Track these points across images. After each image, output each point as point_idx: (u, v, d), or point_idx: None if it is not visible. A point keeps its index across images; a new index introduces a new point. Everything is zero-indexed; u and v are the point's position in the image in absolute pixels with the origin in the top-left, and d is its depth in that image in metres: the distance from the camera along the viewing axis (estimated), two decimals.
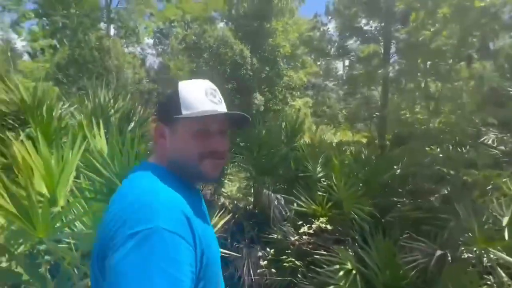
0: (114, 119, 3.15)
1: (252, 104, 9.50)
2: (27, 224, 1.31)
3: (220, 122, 0.69)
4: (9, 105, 2.91)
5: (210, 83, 0.73)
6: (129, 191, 0.61)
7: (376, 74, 6.94)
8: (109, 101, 3.73)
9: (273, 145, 3.50)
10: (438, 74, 3.10)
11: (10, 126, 2.85)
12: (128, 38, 10.86)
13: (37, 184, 1.62)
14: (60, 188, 1.71)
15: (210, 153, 0.66)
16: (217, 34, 9.45)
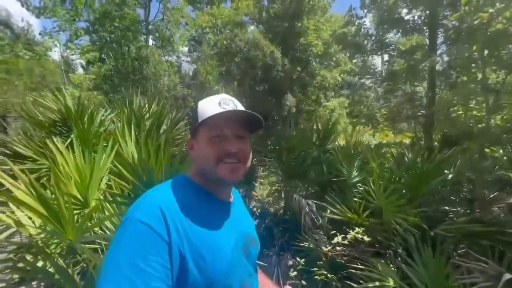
0: (146, 125, 3.25)
1: (284, 105, 9.35)
2: (57, 226, 1.36)
3: (233, 127, 0.73)
4: (58, 113, 3.19)
5: (227, 95, 0.77)
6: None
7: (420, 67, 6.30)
8: (144, 107, 3.91)
9: (303, 147, 3.32)
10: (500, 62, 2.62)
11: (58, 132, 3.13)
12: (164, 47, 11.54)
13: (71, 187, 1.70)
14: (92, 191, 1.78)
15: (224, 155, 0.70)
16: (248, 38, 9.53)
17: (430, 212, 2.73)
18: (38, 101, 3.34)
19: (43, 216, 1.34)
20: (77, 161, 1.77)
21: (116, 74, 7.97)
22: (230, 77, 8.87)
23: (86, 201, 1.71)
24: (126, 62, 8.10)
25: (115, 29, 9.78)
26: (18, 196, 1.30)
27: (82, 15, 8.56)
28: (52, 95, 3.20)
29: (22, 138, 2.95)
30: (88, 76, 5.31)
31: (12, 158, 2.90)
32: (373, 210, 2.68)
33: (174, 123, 3.93)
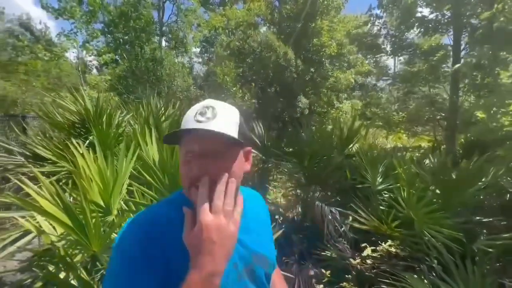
0: (165, 126, 3.19)
1: (297, 107, 9.19)
2: (81, 237, 1.28)
3: (202, 142, 0.62)
4: (77, 115, 3.17)
5: (210, 102, 0.67)
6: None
7: (441, 69, 6.05)
8: (161, 109, 3.87)
9: (325, 152, 3.18)
10: None
11: (77, 134, 3.10)
12: (177, 48, 11.59)
13: (93, 194, 1.63)
14: (114, 198, 1.70)
15: (195, 179, 0.61)
16: (260, 38, 9.42)
17: (463, 223, 2.55)
18: (56, 102, 3.33)
19: (66, 226, 1.26)
20: (99, 165, 1.70)
21: (131, 75, 8.03)
22: (242, 78, 8.78)
23: (109, 208, 1.64)
24: (140, 63, 8.14)
25: (129, 30, 9.88)
26: (42, 205, 1.23)
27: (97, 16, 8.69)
28: (71, 96, 3.18)
29: (41, 140, 2.94)
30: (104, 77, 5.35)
31: (31, 159, 2.89)
32: (403, 220, 2.52)
33: None
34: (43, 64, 9.83)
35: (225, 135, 0.61)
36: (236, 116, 0.67)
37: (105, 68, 10.43)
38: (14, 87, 8.91)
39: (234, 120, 0.66)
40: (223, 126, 0.62)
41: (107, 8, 9.42)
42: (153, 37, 10.75)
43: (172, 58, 8.12)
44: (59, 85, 9.59)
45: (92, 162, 1.68)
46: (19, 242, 1.63)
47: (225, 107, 0.67)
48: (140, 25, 9.20)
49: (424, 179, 2.80)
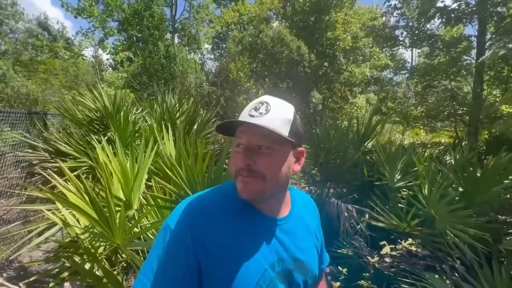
0: (180, 122, 3.22)
1: (310, 102, 9.09)
2: (106, 230, 1.31)
3: (250, 136, 0.64)
4: (95, 112, 3.26)
5: (268, 97, 0.69)
6: None
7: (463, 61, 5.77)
8: (175, 105, 3.91)
9: (341, 148, 3.12)
10: None
11: (96, 130, 3.19)
12: (190, 45, 11.66)
13: (115, 188, 1.67)
14: (135, 192, 1.74)
15: (240, 169, 0.64)
16: (273, 33, 9.33)
17: (489, 223, 2.44)
18: (76, 99, 3.43)
19: (91, 218, 1.30)
20: (120, 160, 1.74)
21: (145, 73, 8.16)
22: (255, 73, 8.75)
23: (130, 203, 1.67)
24: (154, 60, 8.26)
25: (143, 28, 10.02)
26: (69, 198, 1.27)
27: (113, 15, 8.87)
28: (90, 94, 3.26)
29: (63, 136, 3.05)
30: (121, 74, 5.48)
31: (54, 155, 3.00)
32: (424, 218, 2.43)
33: (205, 121, 3.89)
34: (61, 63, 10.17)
35: (273, 131, 0.61)
36: (289, 114, 0.67)
37: (120, 66, 10.66)
38: (35, 85, 9.29)
39: (287, 117, 0.66)
40: (273, 123, 0.62)
41: (121, 6, 9.58)
42: (166, 34, 10.85)
43: (185, 54, 8.18)
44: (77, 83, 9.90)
45: (112, 157, 1.72)
46: (45, 234, 1.70)
47: (279, 103, 0.67)
48: (153, 22, 9.30)
49: (445, 176, 2.69)
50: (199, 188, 1.52)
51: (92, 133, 3.05)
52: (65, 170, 1.33)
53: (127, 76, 7.09)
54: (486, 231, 2.31)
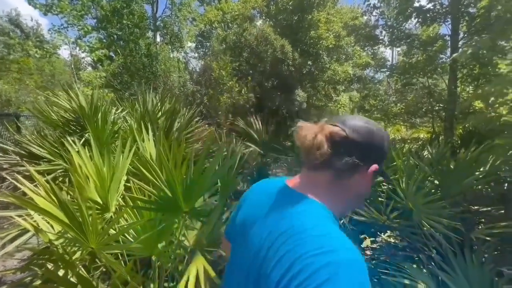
0: (161, 122, 3.15)
1: (294, 101, 9.16)
2: (79, 234, 1.26)
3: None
4: (71, 112, 3.12)
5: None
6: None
7: (439, 59, 6.02)
8: (157, 105, 3.82)
9: None
10: None
11: (72, 131, 3.06)
12: (172, 43, 11.43)
13: (90, 191, 1.61)
14: (112, 194, 1.68)
15: (367, 194, 0.76)
16: (257, 32, 9.33)
17: (461, 213, 2.56)
18: (50, 100, 3.28)
19: (63, 223, 1.24)
20: (95, 162, 1.68)
21: (125, 71, 7.93)
22: (239, 72, 8.71)
23: (107, 205, 1.62)
24: (135, 59, 8.04)
25: (123, 26, 9.71)
26: (38, 203, 1.21)
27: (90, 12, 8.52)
28: (65, 94, 3.13)
29: (36, 138, 2.90)
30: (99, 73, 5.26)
31: (27, 158, 2.86)
32: (402, 211, 2.52)
33: (186, 121, 3.83)
34: (35, 62, 9.68)
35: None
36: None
37: (100, 65, 10.30)
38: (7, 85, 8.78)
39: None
40: None
41: (99, 3, 9.24)
42: (148, 32, 10.58)
43: (167, 53, 8.02)
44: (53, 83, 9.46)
45: (88, 159, 1.66)
46: (17, 241, 1.62)
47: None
48: (133, 20, 9.03)
49: (422, 170, 2.81)
50: (178, 189, 1.49)
51: (68, 135, 2.93)
52: (33, 173, 1.26)
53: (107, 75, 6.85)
54: (460, 221, 2.43)
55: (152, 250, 1.80)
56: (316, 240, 0.54)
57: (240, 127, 4.18)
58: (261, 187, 0.82)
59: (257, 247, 0.63)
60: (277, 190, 0.73)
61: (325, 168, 0.67)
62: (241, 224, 0.75)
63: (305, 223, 0.58)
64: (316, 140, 0.65)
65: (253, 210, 0.74)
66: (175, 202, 1.52)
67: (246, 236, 0.70)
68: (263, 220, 0.67)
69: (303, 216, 0.61)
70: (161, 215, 1.59)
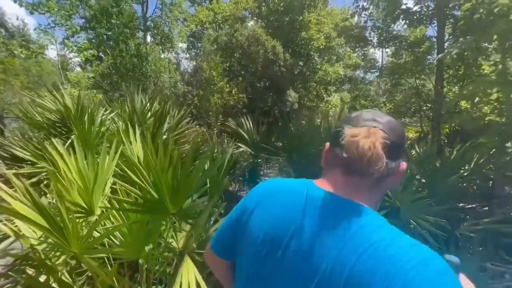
0: (149, 123, 3.11)
1: (286, 101, 9.20)
2: (60, 239, 1.23)
3: None
4: (57, 114, 3.05)
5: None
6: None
7: (426, 60, 6.15)
8: (146, 105, 3.77)
9: (315, 145, 3.19)
10: None
11: (57, 133, 2.99)
12: (163, 44, 11.33)
13: (74, 194, 1.58)
14: (96, 197, 1.65)
15: None
16: (248, 32, 9.33)
17: (448, 210, 2.62)
18: (36, 101, 3.20)
19: (43, 228, 1.21)
20: (79, 164, 1.64)
21: (115, 72, 7.80)
22: (231, 73, 8.69)
23: (91, 208, 1.58)
24: (125, 59, 7.92)
25: (112, 26, 9.56)
26: (16, 207, 1.17)
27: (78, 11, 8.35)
28: (50, 95, 3.06)
29: (19, 140, 2.82)
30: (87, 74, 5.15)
31: (10, 161, 2.77)
32: (390, 209, 2.56)
33: (176, 122, 3.80)
34: (22, 62, 9.42)
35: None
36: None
37: (89, 65, 10.12)
38: None
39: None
40: None
41: (87, 2, 9.06)
42: (138, 32, 10.44)
43: (157, 53, 7.93)
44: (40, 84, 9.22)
45: (71, 161, 1.62)
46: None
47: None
48: (123, 20, 8.89)
49: (409, 169, 2.85)
50: (165, 190, 1.47)
51: (53, 137, 2.86)
52: (10, 177, 1.22)
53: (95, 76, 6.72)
54: (446, 219, 2.48)
55: (139, 253, 1.77)
56: (408, 250, 0.50)
57: (231, 128, 4.16)
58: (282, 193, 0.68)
59: (321, 268, 0.53)
60: (318, 199, 0.62)
61: (374, 176, 0.59)
62: (269, 239, 0.62)
63: (384, 235, 0.53)
64: (376, 150, 0.56)
65: (286, 223, 0.61)
66: (162, 203, 1.50)
67: (285, 253, 0.58)
68: (316, 235, 0.57)
69: (373, 227, 0.54)
70: (148, 217, 1.56)
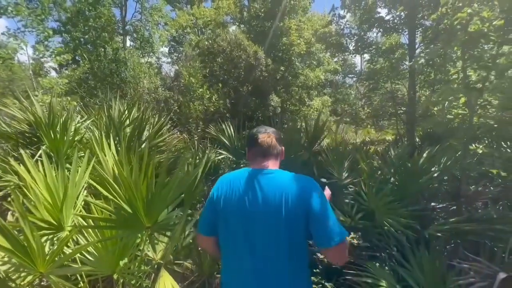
0: (126, 132, 3.03)
1: (269, 106, 9.29)
2: (24, 259, 1.18)
3: None
4: (26, 123, 2.91)
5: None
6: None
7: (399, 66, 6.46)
8: (124, 112, 3.68)
9: (293, 150, 3.25)
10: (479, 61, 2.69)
11: (26, 143, 2.85)
12: (143, 48, 11.09)
13: (41, 209, 1.51)
14: (67, 213, 1.59)
15: None
16: (230, 38, 9.37)
17: (419, 211, 2.75)
18: (2, 111, 3.03)
19: (4, 248, 1.15)
20: (47, 178, 1.57)
21: (93, 78, 7.53)
22: (213, 78, 8.67)
23: (60, 224, 1.52)
24: (103, 64, 7.68)
25: (89, 29, 9.26)
26: None
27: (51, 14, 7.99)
28: (18, 103, 2.91)
29: None
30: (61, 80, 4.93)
31: None
32: (366, 212, 2.65)
33: (156, 129, 3.73)
34: None
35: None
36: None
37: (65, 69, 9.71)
38: None
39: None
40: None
41: (62, 5, 8.71)
42: (116, 36, 10.15)
43: (137, 58, 7.75)
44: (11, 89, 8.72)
45: (38, 175, 1.56)
46: None
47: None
48: (100, 24, 8.63)
49: (382, 171, 2.98)
50: (139, 204, 1.45)
51: (22, 147, 2.72)
52: None
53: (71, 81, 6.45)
54: (418, 219, 2.60)
55: (114, 268, 1.72)
56: (297, 176, 1.17)
57: (213, 134, 4.15)
58: (233, 178, 1.23)
59: (277, 202, 1.07)
60: (257, 173, 1.19)
61: (275, 155, 1.27)
62: (242, 203, 1.12)
63: (287, 175, 1.18)
64: (274, 142, 1.26)
65: (246, 192, 1.13)
66: (136, 218, 1.47)
67: (255, 206, 1.09)
68: (266, 191, 1.11)
69: (281, 174, 1.18)
70: (122, 232, 1.53)
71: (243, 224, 1.09)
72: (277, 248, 1.06)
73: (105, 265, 1.67)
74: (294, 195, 1.06)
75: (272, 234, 1.06)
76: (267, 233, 1.06)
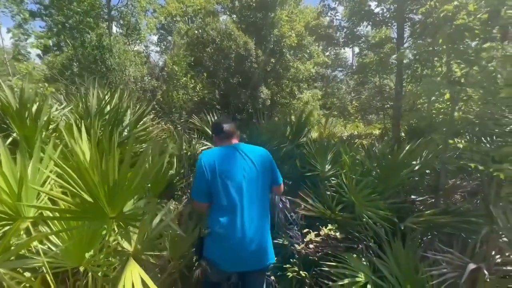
0: (105, 119, 2.92)
1: (259, 98, 9.18)
2: None
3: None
4: None
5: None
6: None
7: (388, 60, 6.46)
8: (103, 100, 3.53)
9: (276, 142, 3.21)
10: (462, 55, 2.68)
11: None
12: (130, 35, 10.71)
13: None
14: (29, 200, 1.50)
15: None
16: (220, 27, 9.13)
17: (399, 203, 2.77)
18: None
19: None
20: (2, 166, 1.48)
21: (77, 64, 7.23)
22: (202, 67, 8.47)
23: (18, 214, 1.44)
24: (87, 50, 7.37)
25: (72, 13, 8.84)
26: None
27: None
28: None
29: None
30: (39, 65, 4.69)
31: None
32: (346, 204, 2.65)
33: (138, 118, 3.61)
34: None
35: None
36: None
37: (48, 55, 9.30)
38: None
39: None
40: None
41: None
42: (102, 22, 9.75)
43: (122, 45, 7.47)
44: None
45: None
46: None
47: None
48: (83, 8, 8.24)
49: (365, 165, 2.98)
50: (100, 193, 1.37)
51: None
52: None
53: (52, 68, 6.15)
54: (397, 212, 2.63)
55: (80, 260, 1.66)
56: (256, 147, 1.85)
57: (196, 125, 4.06)
58: (219, 152, 1.73)
59: (252, 163, 1.70)
60: (238, 147, 1.77)
61: (236, 137, 1.87)
62: (229, 167, 1.66)
63: (250, 146, 1.82)
64: (235, 128, 1.88)
65: (230, 159, 1.69)
66: (99, 207, 1.40)
67: (240, 167, 1.67)
68: (247, 155, 1.72)
69: (245, 146, 1.81)
70: (84, 223, 1.46)
71: (239, 180, 1.62)
72: (256, 190, 1.67)
73: (70, 257, 1.61)
74: (264, 156, 1.79)
75: (257, 181, 1.68)
76: (254, 181, 1.66)
